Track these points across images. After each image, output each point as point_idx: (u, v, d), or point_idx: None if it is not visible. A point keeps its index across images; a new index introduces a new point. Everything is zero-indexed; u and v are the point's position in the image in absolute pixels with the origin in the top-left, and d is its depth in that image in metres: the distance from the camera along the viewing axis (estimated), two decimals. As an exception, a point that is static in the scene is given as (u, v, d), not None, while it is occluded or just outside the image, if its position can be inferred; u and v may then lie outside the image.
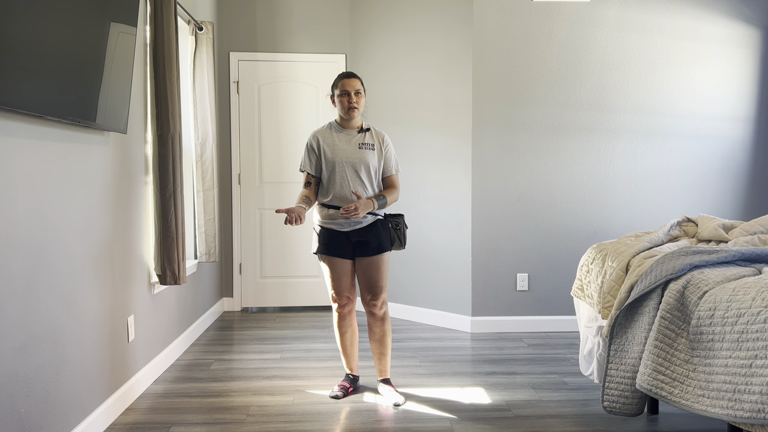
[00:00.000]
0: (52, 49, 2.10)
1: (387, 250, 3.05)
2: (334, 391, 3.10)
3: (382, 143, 3.07)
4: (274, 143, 5.04)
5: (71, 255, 2.42)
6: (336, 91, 3.02)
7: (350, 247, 3.01)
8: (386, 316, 3.10)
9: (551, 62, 4.30)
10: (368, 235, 3.00)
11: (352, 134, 3.03)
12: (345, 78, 3.00)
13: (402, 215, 3.15)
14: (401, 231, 3.09)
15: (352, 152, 2.99)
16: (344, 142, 3.01)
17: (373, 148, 3.02)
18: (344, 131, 3.04)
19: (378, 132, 3.09)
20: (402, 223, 3.11)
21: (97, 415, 2.62)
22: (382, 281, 3.04)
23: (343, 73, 3.05)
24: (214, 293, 4.82)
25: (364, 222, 2.99)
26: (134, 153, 3.09)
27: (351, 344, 3.17)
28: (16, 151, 2.03)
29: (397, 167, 3.14)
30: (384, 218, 3.07)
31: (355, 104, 2.98)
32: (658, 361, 2.23)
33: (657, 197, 4.43)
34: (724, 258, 2.35)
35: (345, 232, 2.99)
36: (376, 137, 3.06)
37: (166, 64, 3.16)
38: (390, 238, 3.07)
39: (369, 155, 3.00)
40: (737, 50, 4.42)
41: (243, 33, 4.98)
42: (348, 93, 2.97)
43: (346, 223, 2.97)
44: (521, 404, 3.00)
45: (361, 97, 3.00)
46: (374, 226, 3.02)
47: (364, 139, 3.03)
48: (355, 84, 2.99)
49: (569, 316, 4.39)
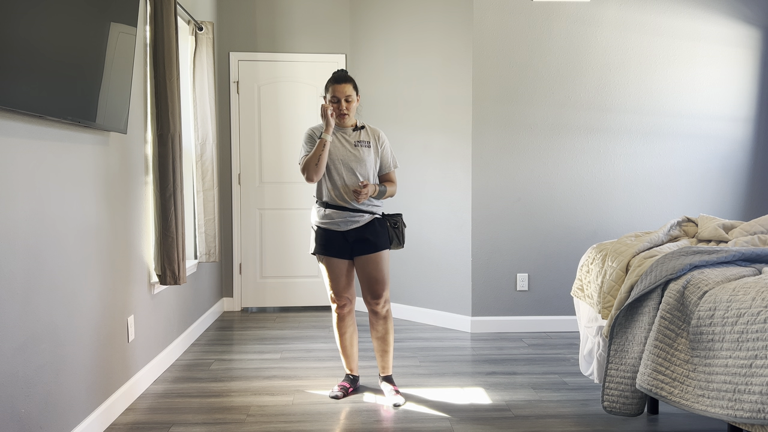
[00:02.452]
0: (52, 49, 2.10)
1: (386, 247, 3.04)
2: (334, 391, 3.09)
3: (378, 140, 3.05)
4: (274, 143, 5.03)
5: (71, 255, 2.42)
6: (327, 95, 2.99)
7: (348, 246, 3.00)
8: (389, 314, 3.10)
9: (551, 62, 4.30)
10: (366, 233, 2.99)
11: (347, 132, 3.01)
12: (335, 83, 2.95)
13: (400, 214, 3.14)
14: (399, 229, 3.08)
15: (348, 150, 2.97)
16: (340, 140, 2.99)
17: (369, 146, 3.01)
18: (339, 130, 3.02)
19: (373, 129, 3.08)
20: (400, 222, 3.10)
21: (97, 415, 2.62)
22: (382, 279, 3.03)
23: (334, 75, 2.98)
24: (214, 293, 4.82)
25: (361, 221, 2.98)
26: (134, 153, 3.09)
27: (351, 345, 3.16)
28: (16, 151, 2.03)
29: (395, 163, 3.13)
30: (382, 217, 3.07)
31: (345, 111, 2.95)
32: (658, 361, 2.23)
33: (657, 197, 4.43)
34: (724, 258, 2.35)
35: (342, 231, 2.98)
36: (371, 134, 3.05)
37: (166, 64, 3.16)
38: (388, 236, 3.06)
39: (365, 153, 2.99)
40: (737, 50, 4.42)
41: (243, 33, 4.98)
42: (338, 99, 2.94)
43: (342, 222, 2.96)
44: (521, 404, 3.00)
45: (352, 102, 2.97)
46: (371, 224, 3.01)
47: (359, 137, 3.01)
48: (346, 90, 2.94)
49: (569, 316, 4.39)
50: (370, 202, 3.01)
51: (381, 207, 3.09)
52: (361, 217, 2.98)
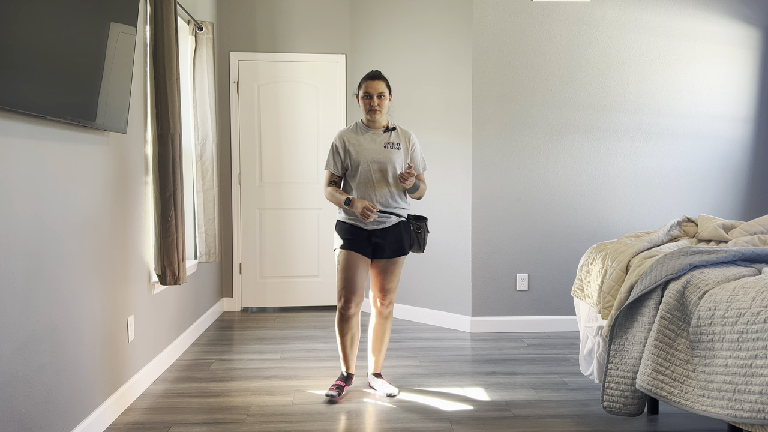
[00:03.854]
0: (52, 49, 2.10)
1: (405, 253, 3.06)
2: (330, 390, 3.06)
3: (409, 142, 3.07)
4: (274, 143, 5.03)
5: (71, 255, 2.42)
6: (360, 91, 3.01)
7: (370, 246, 3.01)
8: (391, 315, 3.17)
9: (551, 62, 4.30)
10: (389, 236, 3.01)
11: (378, 134, 3.03)
12: (369, 80, 2.98)
13: (425, 219, 3.12)
14: (422, 235, 3.08)
15: (377, 152, 2.99)
16: (369, 141, 3.01)
17: (398, 148, 3.02)
18: (369, 131, 3.03)
19: (404, 131, 3.09)
20: (424, 228, 3.09)
21: (97, 415, 2.62)
22: (394, 283, 3.10)
23: (368, 73, 3.03)
24: (214, 293, 4.82)
25: (387, 222, 3.00)
26: (134, 153, 3.09)
27: (351, 346, 3.14)
28: (16, 151, 2.03)
29: (424, 165, 3.17)
30: (407, 220, 3.08)
31: (376, 107, 2.97)
32: (658, 361, 2.23)
33: (657, 197, 4.43)
34: (724, 258, 2.35)
35: (367, 230, 3.00)
36: (402, 136, 3.06)
37: (166, 64, 3.16)
38: (410, 240, 3.07)
39: (395, 155, 3.00)
40: (737, 50, 4.42)
41: (243, 33, 4.98)
42: (371, 95, 2.97)
43: (369, 222, 2.96)
44: (521, 404, 3.00)
45: (384, 99, 2.99)
46: (396, 227, 3.03)
47: (389, 138, 3.02)
48: (379, 86, 2.97)
49: (569, 316, 4.39)
50: (397, 204, 3.02)
51: (407, 209, 3.10)
52: (387, 218, 3.00)
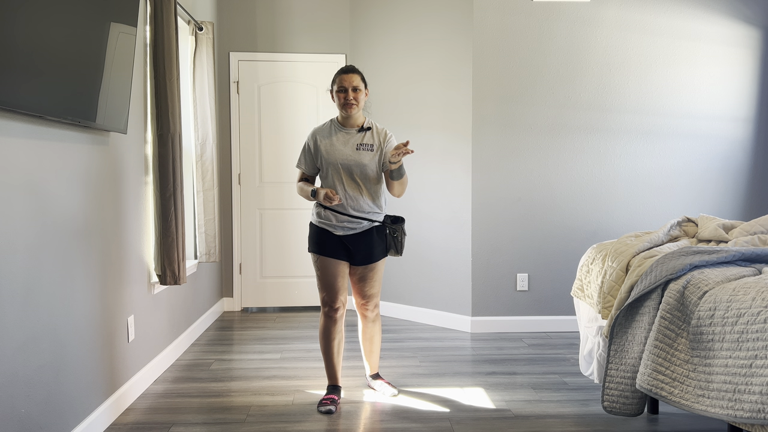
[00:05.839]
0: (52, 50, 2.10)
1: (378, 260, 2.97)
2: (325, 405, 2.89)
3: (384, 142, 2.94)
4: (274, 143, 5.03)
5: (71, 255, 2.42)
6: (334, 86, 2.91)
7: (343, 248, 2.92)
8: (378, 317, 3.13)
9: (551, 62, 4.30)
10: (361, 242, 2.92)
11: (351, 134, 2.93)
12: (343, 73, 2.89)
13: (402, 220, 3.03)
14: (398, 239, 2.98)
15: (348, 154, 2.89)
16: (342, 142, 2.91)
17: (371, 149, 2.91)
18: (344, 130, 2.94)
19: (380, 130, 2.97)
20: (400, 231, 2.99)
21: (97, 415, 2.62)
22: (375, 289, 3.02)
23: (342, 67, 2.93)
24: (214, 293, 4.82)
25: (358, 228, 2.91)
26: (134, 153, 3.09)
27: (338, 353, 3.01)
28: (16, 151, 2.03)
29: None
30: (381, 224, 2.97)
31: (352, 101, 2.86)
32: (658, 361, 2.23)
33: (657, 197, 4.43)
34: (724, 258, 2.35)
35: (338, 236, 2.91)
36: (376, 136, 2.94)
37: (166, 64, 3.16)
38: (385, 245, 2.99)
39: (365, 157, 2.89)
40: (737, 50, 4.42)
41: (243, 33, 4.98)
42: (345, 89, 2.86)
43: (339, 227, 2.89)
44: (521, 404, 3.00)
45: (360, 93, 2.88)
46: (369, 233, 2.93)
47: (362, 139, 2.92)
48: (353, 80, 2.87)
49: (569, 316, 4.39)
50: (369, 208, 2.92)
51: (381, 213, 2.98)
52: (359, 224, 2.90)
